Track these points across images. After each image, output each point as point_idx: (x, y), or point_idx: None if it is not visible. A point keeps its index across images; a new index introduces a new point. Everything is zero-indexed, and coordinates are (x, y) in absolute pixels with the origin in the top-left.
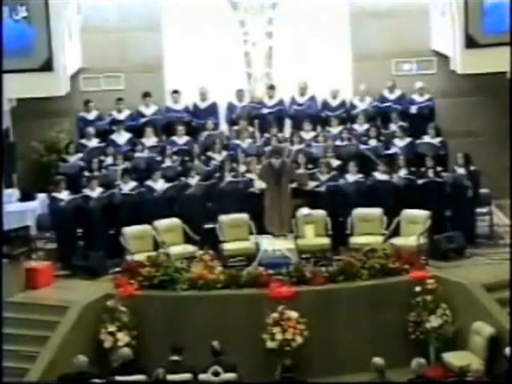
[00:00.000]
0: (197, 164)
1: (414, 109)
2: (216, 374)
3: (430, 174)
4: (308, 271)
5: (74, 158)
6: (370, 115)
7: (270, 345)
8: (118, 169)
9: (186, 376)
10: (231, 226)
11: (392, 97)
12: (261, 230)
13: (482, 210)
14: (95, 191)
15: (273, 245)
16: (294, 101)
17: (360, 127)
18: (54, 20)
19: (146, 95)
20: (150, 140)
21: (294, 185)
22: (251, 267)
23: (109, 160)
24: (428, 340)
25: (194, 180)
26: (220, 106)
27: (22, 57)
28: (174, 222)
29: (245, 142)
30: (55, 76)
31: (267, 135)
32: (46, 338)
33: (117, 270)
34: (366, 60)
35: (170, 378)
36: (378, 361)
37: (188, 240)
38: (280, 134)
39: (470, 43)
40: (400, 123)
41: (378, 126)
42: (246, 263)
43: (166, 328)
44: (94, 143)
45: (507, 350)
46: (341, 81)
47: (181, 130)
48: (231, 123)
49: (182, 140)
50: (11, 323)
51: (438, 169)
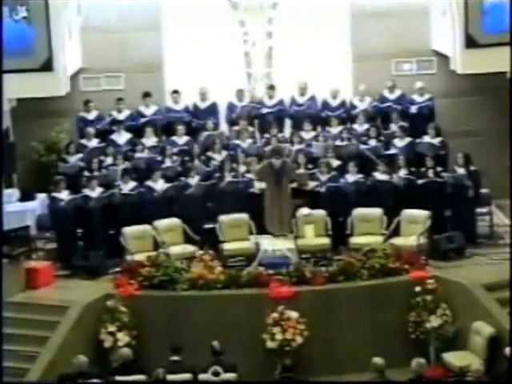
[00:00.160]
0: (197, 164)
1: (414, 109)
2: (216, 374)
3: (430, 174)
4: (308, 271)
5: (74, 158)
6: (370, 115)
7: (270, 345)
8: (118, 169)
9: (186, 376)
10: (231, 226)
11: (392, 97)
12: (261, 230)
13: (482, 210)
14: (95, 191)
15: (273, 245)
16: (294, 101)
17: (360, 127)
18: (54, 20)
19: (146, 95)
20: (150, 140)
21: (294, 185)
22: (251, 267)
23: (109, 160)
24: (428, 340)
25: (194, 180)
26: (220, 106)
27: (22, 57)
28: (174, 222)
29: (245, 142)
30: (55, 76)
31: (267, 135)
32: (46, 338)
33: (117, 270)
34: (366, 60)
35: (170, 378)
36: (378, 361)
37: (188, 240)
38: (280, 134)
39: (470, 43)
40: (400, 123)
41: (378, 126)
42: (246, 263)
43: (166, 328)
44: (93, 143)
45: (507, 350)
46: (341, 81)
47: (181, 130)
48: (231, 123)
49: (182, 140)
50: (11, 323)
51: (438, 169)
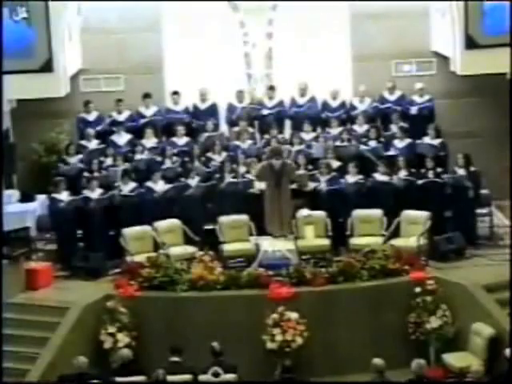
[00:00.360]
0: (197, 165)
1: (414, 110)
2: (216, 375)
3: (430, 174)
4: (308, 272)
5: (74, 159)
6: (369, 116)
7: (270, 346)
8: (118, 170)
9: (186, 377)
10: (231, 227)
11: (392, 98)
12: (261, 231)
13: (481, 210)
14: (95, 192)
15: (273, 246)
16: (294, 102)
17: (360, 128)
18: (54, 21)
19: (146, 96)
20: (150, 141)
21: (294, 186)
22: (251, 268)
23: (109, 161)
24: (428, 341)
25: (193, 181)
26: (220, 107)
27: (22, 58)
28: (174, 222)
29: (245, 143)
30: (55, 77)
31: (267, 136)
32: (45, 339)
33: (117, 271)
34: (366, 61)
35: (170, 378)
36: (377, 361)
37: (188, 241)
38: (280, 135)
39: (470, 44)
40: (400, 124)
41: (378, 127)
42: (246, 264)
43: (166, 329)
44: (93, 144)
45: (507, 351)
46: (341, 82)
47: (181, 130)
48: (231, 124)
49: (182, 141)
50: (11, 324)
51: (438, 170)
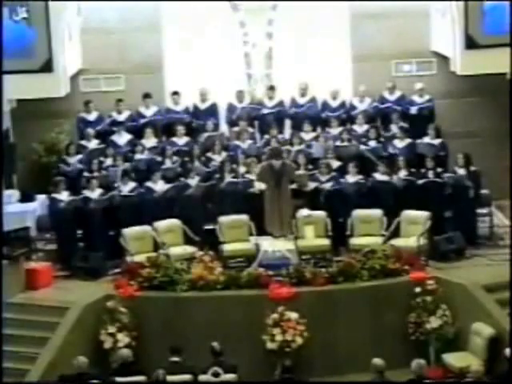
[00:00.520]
0: (197, 165)
1: (414, 110)
2: (216, 375)
3: (430, 174)
4: (308, 272)
5: (74, 159)
6: (369, 116)
7: (270, 346)
8: (118, 170)
9: (186, 377)
10: (231, 227)
11: (392, 98)
12: (261, 231)
13: (481, 210)
14: (95, 192)
15: (273, 246)
16: (294, 102)
17: (360, 128)
18: (53, 21)
19: (146, 96)
20: (150, 141)
21: (294, 186)
22: (251, 268)
23: (108, 161)
24: (428, 341)
25: (193, 181)
26: (220, 106)
27: (22, 58)
28: (174, 222)
29: (245, 143)
30: (55, 77)
31: (267, 136)
32: (45, 339)
33: (117, 271)
34: (366, 61)
35: (170, 378)
36: (377, 361)
37: (188, 241)
38: (280, 135)
39: (470, 44)
40: (400, 124)
41: (378, 127)
42: (246, 264)
43: (166, 329)
44: (93, 144)
45: (507, 351)
46: (341, 82)
47: (181, 130)
48: (231, 124)
49: (182, 141)
50: (11, 324)
51: (438, 170)
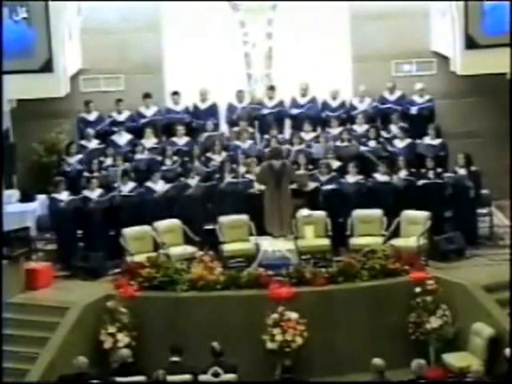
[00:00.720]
0: (197, 165)
1: (414, 110)
2: (216, 375)
3: (430, 174)
4: (308, 272)
5: (75, 159)
6: (369, 116)
7: (270, 346)
8: (118, 170)
9: (186, 377)
10: (231, 227)
11: (392, 98)
12: (261, 231)
13: (482, 210)
14: (95, 192)
15: (273, 246)
16: (294, 102)
17: (360, 128)
18: (53, 21)
19: (146, 96)
20: (150, 141)
21: (294, 186)
22: (251, 268)
23: (108, 161)
24: (428, 341)
25: (193, 181)
26: (220, 106)
27: (22, 58)
28: (174, 222)
29: (245, 143)
30: (55, 77)
31: (267, 136)
32: (45, 339)
33: (117, 271)
34: (366, 61)
35: (170, 378)
36: (377, 361)
37: (188, 241)
38: (280, 136)
39: (470, 44)
40: (400, 124)
41: (378, 127)
42: (246, 264)
43: (166, 329)
44: (93, 144)
45: (507, 351)
46: (341, 82)
47: (181, 130)
48: (231, 124)
49: (182, 141)
50: (11, 324)
51: (438, 170)
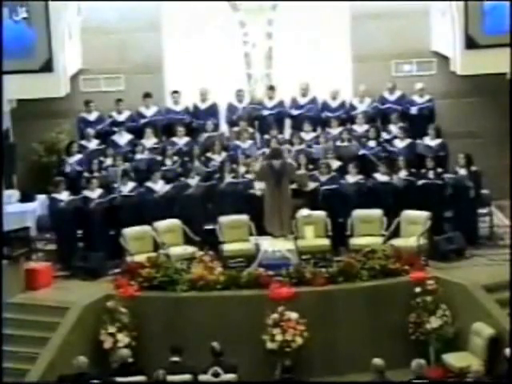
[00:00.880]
0: (197, 165)
1: (414, 110)
2: (216, 375)
3: (431, 175)
4: (308, 272)
5: (75, 159)
6: (369, 116)
7: (270, 346)
8: (118, 170)
9: (186, 377)
10: (231, 227)
11: (392, 98)
12: (261, 231)
13: (482, 210)
14: (95, 192)
15: (273, 246)
16: (295, 102)
17: (360, 128)
18: (54, 21)
19: (147, 96)
20: (150, 141)
21: (294, 186)
22: (251, 268)
23: (108, 161)
24: (428, 341)
25: (193, 181)
26: (220, 106)
27: (22, 58)
28: (174, 222)
29: (245, 143)
30: (55, 77)
31: (267, 136)
32: (45, 339)
33: (117, 271)
34: (366, 61)
35: (170, 378)
36: (377, 361)
37: (188, 241)
38: (280, 136)
39: (470, 44)
40: (400, 124)
41: (378, 127)
42: (246, 264)
43: (166, 329)
44: (93, 144)
45: (507, 351)
46: (341, 82)
47: (181, 130)
48: (231, 124)
49: (182, 141)
50: (11, 324)
51: (438, 170)
